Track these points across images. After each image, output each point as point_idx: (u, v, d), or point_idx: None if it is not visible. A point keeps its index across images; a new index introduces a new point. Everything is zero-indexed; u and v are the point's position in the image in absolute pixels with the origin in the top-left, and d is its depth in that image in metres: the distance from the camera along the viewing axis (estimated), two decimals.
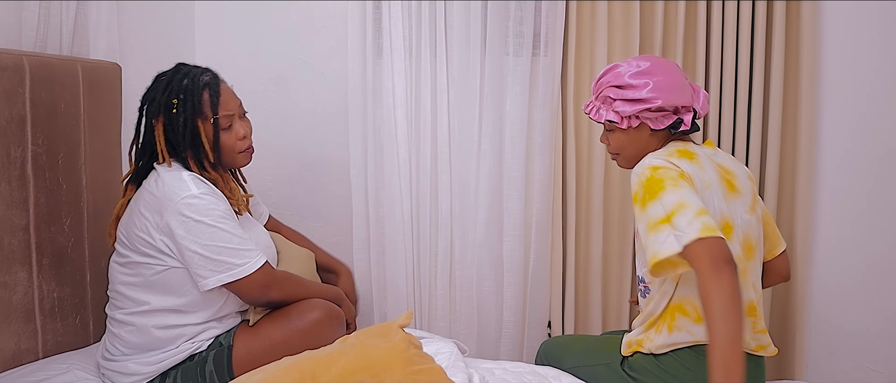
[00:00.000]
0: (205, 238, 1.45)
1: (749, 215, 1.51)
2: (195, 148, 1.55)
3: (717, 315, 1.17)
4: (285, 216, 2.29)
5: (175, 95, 1.54)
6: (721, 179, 1.48)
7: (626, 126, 1.52)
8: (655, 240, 1.32)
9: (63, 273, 1.66)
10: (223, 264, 1.47)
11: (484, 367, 1.63)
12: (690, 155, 1.46)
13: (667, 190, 1.35)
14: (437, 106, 2.13)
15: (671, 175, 1.37)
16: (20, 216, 1.54)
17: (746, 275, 1.49)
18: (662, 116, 1.50)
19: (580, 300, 2.20)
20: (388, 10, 2.10)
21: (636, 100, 1.48)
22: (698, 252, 1.24)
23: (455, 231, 2.16)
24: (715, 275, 1.20)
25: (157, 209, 1.47)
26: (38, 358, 1.61)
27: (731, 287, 1.18)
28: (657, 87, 1.47)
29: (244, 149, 1.63)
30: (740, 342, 1.15)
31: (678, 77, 1.52)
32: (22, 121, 1.54)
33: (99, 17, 1.85)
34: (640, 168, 1.44)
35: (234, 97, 1.63)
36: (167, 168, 1.53)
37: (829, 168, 2.12)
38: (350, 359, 1.04)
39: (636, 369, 1.54)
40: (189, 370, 1.52)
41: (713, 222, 1.28)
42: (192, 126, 1.54)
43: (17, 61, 1.52)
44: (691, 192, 1.35)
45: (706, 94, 1.57)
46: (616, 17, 2.07)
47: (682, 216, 1.30)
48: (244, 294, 1.53)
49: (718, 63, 2.06)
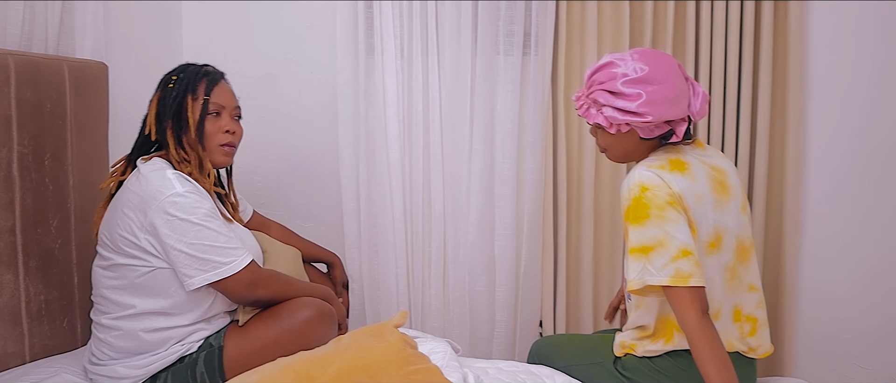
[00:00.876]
0: (190, 236, 1.44)
1: (742, 215, 1.51)
2: (177, 120, 1.55)
3: (706, 360, 1.30)
4: (274, 216, 2.27)
5: (176, 73, 1.60)
6: (713, 183, 1.46)
7: (615, 131, 1.46)
8: (631, 266, 1.39)
9: (50, 275, 1.64)
10: (209, 262, 1.46)
11: (478, 366, 1.62)
12: (682, 166, 1.43)
13: (651, 220, 1.37)
14: (428, 105, 2.13)
15: (658, 202, 1.37)
16: (6, 217, 1.52)
17: (740, 279, 1.49)
18: (654, 127, 1.44)
19: (571, 299, 2.20)
20: (379, 10, 2.09)
21: (626, 111, 1.41)
22: (679, 297, 1.33)
23: (448, 230, 2.16)
24: (701, 324, 1.31)
25: (140, 208, 1.45)
26: (25, 361, 1.58)
27: (715, 335, 1.32)
28: (649, 101, 1.39)
29: (225, 143, 1.61)
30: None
31: (675, 85, 1.42)
32: (7, 121, 1.51)
33: (85, 16, 1.82)
34: (630, 182, 1.42)
35: (231, 96, 1.65)
36: (150, 166, 1.51)
37: (817, 167, 2.14)
38: (346, 360, 1.03)
39: (629, 369, 1.54)
40: (179, 372, 1.50)
41: (689, 266, 1.33)
42: (181, 99, 1.57)
43: (1, 60, 1.50)
44: (676, 226, 1.35)
45: (706, 95, 1.49)
46: (606, 16, 2.08)
47: (659, 256, 1.35)
48: (231, 293, 1.51)
49: (707, 63, 2.07)
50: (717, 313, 1.45)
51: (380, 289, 2.20)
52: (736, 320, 1.49)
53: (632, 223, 1.39)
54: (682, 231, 1.36)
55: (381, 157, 2.14)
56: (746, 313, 1.50)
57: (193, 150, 1.57)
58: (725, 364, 1.30)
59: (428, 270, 2.19)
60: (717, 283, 1.45)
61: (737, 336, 1.49)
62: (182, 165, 1.55)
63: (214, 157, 1.60)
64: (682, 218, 1.37)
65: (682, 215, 1.37)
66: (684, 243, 1.35)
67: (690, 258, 1.34)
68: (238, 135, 1.65)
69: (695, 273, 1.33)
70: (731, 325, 1.49)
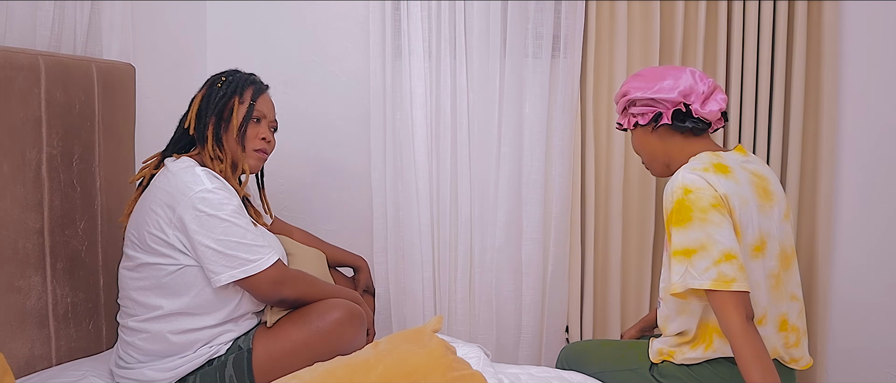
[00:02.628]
0: (218, 232, 1.44)
1: (785, 222, 1.48)
2: (219, 117, 1.59)
3: (750, 366, 1.27)
4: (298, 220, 2.26)
5: (224, 76, 1.65)
6: (756, 189, 1.44)
7: (627, 126, 1.59)
8: (674, 269, 1.37)
9: (77, 277, 1.63)
10: (236, 259, 1.45)
11: (510, 372, 1.61)
12: (725, 169, 1.41)
13: (693, 223, 1.35)
14: (456, 108, 2.10)
15: (702, 204, 1.34)
16: (35, 219, 1.51)
17: (783, 287, 1.46)
18: (646, 110, 1.52)
19: (599, 304, 2.17)
20: (407, 12, 2.07)
21: (621, 97, 1.57)
22: (722, 301, 1.31)
23: (474, 234, 2.14)
24: (746, 329, 1.28)
25: (169, 204, 1.45)
26: (52, 364, 1.57)
27: (759, 340, 1.29)
28: (635, 81, 1.54)
29: (260, 148, 1.64)
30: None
31: (666, 71, 1.53)
32: (37, 123, 1.50)
33: (112, 18, 1.82)
34: (673, 185, 1.40)
35: (272, 109, 1.71)
36: (179, 164, 1.50)
37: (850, 170, 2.10)
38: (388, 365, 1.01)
39: (667, 375, 1.51)
40: (208, 375, 1.49)
41: (732, 270, 1.31)
42: (228, 99, 1.61)
43: (32, 61, 1.49)
44: (720, 229, 1.33)
45: (719, 93, 1.52)
46: (636, 17, 2.05)
47: (702, 259, 1.33)
48: (256, 291, 1.50)
49: (739, 64, 2.04)
50: (763, 319, 1.42)
51: (406, 294, 2.17)
52: (781, 329, 1.46)
53: (675, 226, 1.37)
54: (725, 234, 1.33)
55: (408, 161, 2.12)
56: (792, 323, 1.47)
57: (230, 150, 1.59)
58: (770, 369, 1.27)
59: (454, 274, 2.16)
60: (763, 289, 1.42)
61: (781, 345, 1.46)
62: (214, 163, 1.56)
63: (248, 161, 1.63)
64: (726, 221, 1.34)
65: (726, 218, 1.34)
66: (728, 247, 1.32)
67: (734, 262, 1.31)
68: (272, 145, 1.70)
69: (738, 277, 1.30)
70: (777, 334, 1.45)
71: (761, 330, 1.38)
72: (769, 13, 2.00)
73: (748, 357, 1.27)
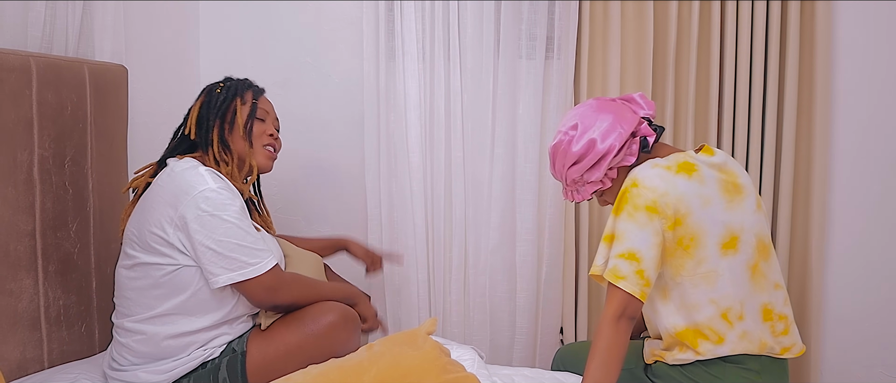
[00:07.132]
0: (219, 233, 1.43)
1: (758, 212, 1.50)
2: (223, 119, 1.59)
3: (595, 357, 1.35)
4: (292, 221, 2.25)
5: (222, 82, 1.65)
6: (722, 185, 1.45)
7: (611, 182, 1.54)
8: (599, 252, 1.45)
9: (69, 280, 1.62)
10: (235, 261, 1.44)
11: (504, 373, 1.61)
12: (690, 168, 1.44)
13: (622, 215, 1.41)
14: (450, 109, 2.10)
15: (637, 202, 1.39)
16: (26, 221, 1.50)
17: (764, 277, 1.47)
18: (628, 149, 1.51)
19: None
20: (400, 13, 2.07)
21: (598, 160, 1.49)
22: (609, 292, 1.38)
23: (469, 235, 2.13)
24: (612, 325, 1.35)
25: (172, 202, 1.44)
26: (44, 367, 1.56)
27: (620, 340, 1.36)
28: (604, 135, 1.48)
29: (268, 143, 1.65)
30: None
31: (608, 109, 1.52)
32: (29, 124, 1.49)
33: (104, 19, 1.81)
34: (631, 174, 1.45)
35: (273, 109, 1.72)
36: (182, 164, 1.50)
37: (844, 169, 2.10)
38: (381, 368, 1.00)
39: (661, 376, 1.51)
40: (202, 378, 1.48)
41: (628, 270, 1.37)
42: (230, 102, 1.61)
43: (24, 62, 1.48)
44: (639, 230, 1.38)
45: (641, 94, 1.58)
46: (629, 18, 2.05)
47: (612, 248, 1.40)
48: (250, 295, 1.49)
49: (733, 64, 2.04)
50: (741, 315, 1.43)
51: (401, 295, 2.17)
52: (766, 319, 1.47)
53: (613, 212, 1.44)
54: (641, 236, 1.38)
55: (402, 162, 2.12)
56: (778, 312, 1.48)
57: (236, 150, 1.60)
58: (610, 371, 1.34)
59: (448, 276, 2.16)
60: (740, 283, 1.43)
61: (769, 335, 1.47)
62: (220, 165, 1.56)
63: (259, 158, 1.63)
64: (652, 226, 1.38)
65: (654, 224, 1.38)
66: (636, 248, 1.37)
67: (634, 264, 1.36)
68: (280, 143, 1.71)
69: (630, 278, 1.36)
70: (762, 325, 1.46)
71: (741, 324, 1.40)
72: (762, 14, 2.01)
73: (601, 348, 1.35)
